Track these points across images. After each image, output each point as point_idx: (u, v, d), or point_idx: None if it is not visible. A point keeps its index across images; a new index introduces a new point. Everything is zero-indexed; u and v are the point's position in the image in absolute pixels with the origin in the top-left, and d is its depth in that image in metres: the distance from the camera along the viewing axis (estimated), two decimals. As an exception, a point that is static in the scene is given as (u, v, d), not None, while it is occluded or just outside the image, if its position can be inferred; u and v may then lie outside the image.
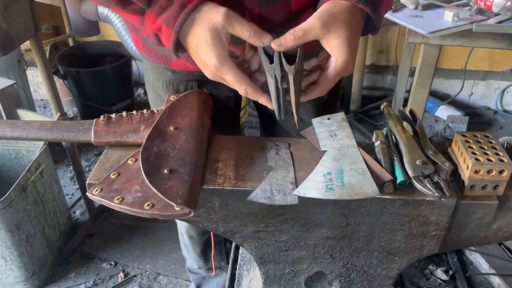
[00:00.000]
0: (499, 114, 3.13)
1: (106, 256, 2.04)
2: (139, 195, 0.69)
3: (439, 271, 1.90)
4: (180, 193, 0.66)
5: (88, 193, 0.70)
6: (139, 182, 0.70)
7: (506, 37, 1.59)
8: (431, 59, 1.80)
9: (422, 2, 1.81)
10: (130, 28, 1.00)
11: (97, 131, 0.82)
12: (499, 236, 0.79)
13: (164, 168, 0.70)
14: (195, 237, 1.46)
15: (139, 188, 0.70)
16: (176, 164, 0.71)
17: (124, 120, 0.83)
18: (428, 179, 0.71)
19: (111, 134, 0.82)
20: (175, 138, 0.77)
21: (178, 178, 0.69)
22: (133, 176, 0.72)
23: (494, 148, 0.74)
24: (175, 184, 0.68)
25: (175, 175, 0.69)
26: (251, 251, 0.83)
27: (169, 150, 0.74)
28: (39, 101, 3.24)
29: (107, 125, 0.82)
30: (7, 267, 1.77)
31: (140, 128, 0.81)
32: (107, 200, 0.68)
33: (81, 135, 0.82)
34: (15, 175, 1.89)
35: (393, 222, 0.76)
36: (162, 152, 0.74)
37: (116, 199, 0.68)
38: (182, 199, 0.65)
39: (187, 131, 0.79)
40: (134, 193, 0.69)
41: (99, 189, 0.70)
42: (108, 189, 0.70)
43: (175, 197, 0.65)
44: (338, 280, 0.87)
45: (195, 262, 1.57)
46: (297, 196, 0.72)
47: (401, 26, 1.84)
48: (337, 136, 0.82)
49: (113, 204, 0.68)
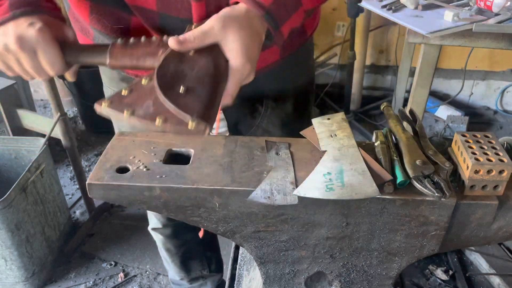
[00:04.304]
0: (499, 114, 3.13)
1: (106, 256, 2.04)
2: (151, 110, 0.64)
3: (439, 271, 1.90)
4: (196, 109, 0.62)
5: (95, 104, 0.65)
6: (152, 98, 0.66)
7: (506, 37, 1.59)
8: (431, 59, 1.80)
9: (422, 2, 1.81)
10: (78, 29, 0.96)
11: (113, 52, 0.76)
12: (499, 236, 0.79)
13: (181, 86, 0.66)
14: (173, 250, 1.44)
15: (152, 103, 0.65)
16: (194, 83, 0.67)
17: (142, 44, 0.77)
18: (428, 179, 0.71)
19: (127, 57, 0.76)
20: (194, 61, 0.72)
21: (194, 96, 0.65)
22: (146, 93, 0.67)
23: (494, 148, 0.74)
24: (190, 101, 0.63)
25: (192, 93, 0.65)
26: (251, 251, 0.83)
27: (187, 70, 0.70)
28: (39, 101, 3.24)
29: (124, 47, 0.77)
30: (7, 267, 1.77)
31: (158, 52, 0.76)
32: (117, 111, 0.64)
33: (96, 57, 0.77)
34: (15, 175, 1.89)
35: (393, 222, 0.76)
36: (180, 72, 0.69)
37: (126, 111, 0.63)
38: (197, 113, 0.61)
39: (208, 56, 0.73)
40: (146, 108, 0.64)
41: (108, 102, 0.65)
42: (118, 102, 0.65)
43: (190, 110, 0.61)
44: (338, 280, 0.87)
45: (177, 274, 1.55)
46: (297, 196, 0.72)
47: (401, 26, 1.84)
48: (337, 136, 0.82)
49: (122, 116, 0.63)
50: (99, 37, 0.90)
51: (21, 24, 0.73)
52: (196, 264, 1.54)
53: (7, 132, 2.26)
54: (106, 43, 0.78)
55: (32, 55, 0.74)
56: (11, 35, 0.72)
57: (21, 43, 0.72)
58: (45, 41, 0.73)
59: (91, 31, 0.91)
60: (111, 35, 0.86)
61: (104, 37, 0.88)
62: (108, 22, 0.84)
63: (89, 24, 0.86)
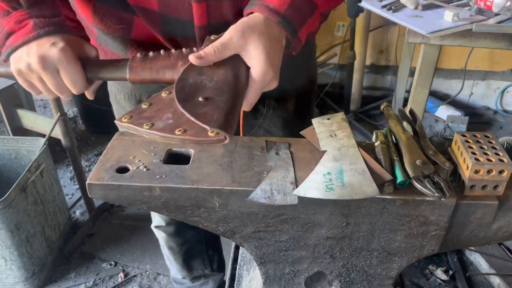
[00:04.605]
0: (499, 114, 3.13)
1: (106, 256, 2.04)
2: (170, 122, 0.64)
3: (439, 271, 1.90)
4: (215, 117, 0.62)
5: (116, 121, 0.66)
6: (172, 110, 0.66)
7: (506, 37, 1.59)
8: (431, 59, 1.80)
9: (422, 2, 1.81)
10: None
11: (132, 67, 0.77)
12: (499, 236, 0.79)
13: (199, 96, 0.66)
14: (175, 248, 1.45)
15: (171, 115, 0.65)
16: (213, 93, 0.67)
17: (161, 57, 0.78)
18: (428, 179, 0.71)
19: (147, 70, 0.77)
20: (213, 71, 0.72)
21: (214, 105, 0.64)
22: (166, 105, 0.67)
23: (494, 148, 0.74)
24: (210, 110, 0.63)
25: (211, 102, 0.65)
26: (251, 251, 0.83)
27: (205, 82, 0.70)
28: (39, 101, 3.25)
29: (143, 61, 0.77)
30: (7, 267, 1.77)
31: (178, 64, 0.76)
32: (136, 126, 0.64)
33: (116, 72, 0.78)
34: (15, 175, 1.89)
35: (393, 222, 0.76)
36: (198, 84, 0.70)
37: (145, 125, 0.64)
38: (216, 122, 0.61)
39: (227, 66, 0.73)
40: (166, 120, 0.64)
41: (128, 116, 0.66)
42: (138, 116, 0.66)
43: (209, 120, 0.61)
44: (338, 280, 0.87)
45: (179, 272, 1.56)
46: (297, 196, 0.72)
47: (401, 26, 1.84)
48: (337, 136, 0.82)
49: (142, 130, 0.64)
50: (102, 37, 0.90)
51: (44, 44, 0.74)
52: (198, 262, 1.54)
53: (7, 132, 2.26)
54: (126, 58, 0.79)
55: (55, 74, 0.75)
56: (34, 55, 0.74)
57: (43, 62, 0.74)
58: (67, 60, 0.74)
59: (94, 31, 0.92)
60: (114, 34, 0.87)
61: (107, 36, 0.88)
62: (111, 22, 0.85)
63: (92, 24, 0.87)
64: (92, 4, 0.83)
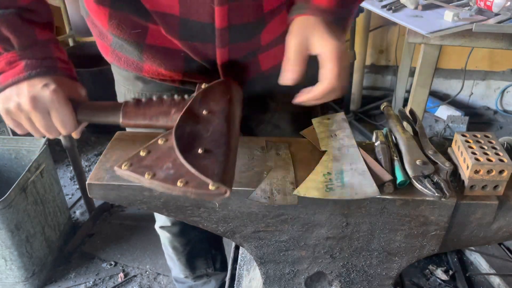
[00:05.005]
0: (499, 114, 3.13)
1: (106, 256, 2.04)
2: (171, 172, 0.65)
3: (439, 271, 1.90)
4: (216, 171, 0.63)
5: (116, 167, 0.67)
6: (171, 160, 0.67)
7: (506, 37, 1.59)
8: (431, 59, 1.80)
9: (422, 2, 1.81)
10: (96, 34, 0.98)
11: (126, 112, 0.78)
12: (499, 236, 0.79)
13: (199, 148, 0.67)
14: (179, 248, 1.44)
15: (171, 165, 0.66)
16: (211, 145, 0.68)
17: (155, 103, 0.79)
18: (428, 179, 0.71)
19: (140, 116, 0.78)
20: (208, 121, 0.74)
21: (213, 158, 0.66)
22: (165, 154, 0.68)
23: (494, 148, 0.74)
24: (210, 163, 0.65)
25: (210, 155, 0.66)
26: (251, 251, 0.83)
27: (202, 132, 0.71)
28: (39, 101, 3.24)
29: (137, 107, 0.79)
30: (7, 267, 1.77)
31: (171, 111, 0.78)
32: (138, 174, 0.65)
33: (109, 116, 0.79)
34: (15, 175, 1.89)
35: (393, 222, 0.76)
36: (196, 133, 0.71)
37: (147, 174, 0.64)
38: (217, 176, 0.62)
39: (220, 115, 0.75)
40: (166, 170, 0.65)
41: (128, 163, 0.66)
42: (138, 164, 0.66)
43: (211, 174, 0.62)
44: (338, 280, 0.87)
45: (181, 272, 1.55)
46: (297, 196, 0.72)
47: (401, 26, 1.84)
48: (337, 136, 0.82)
49: (143, 179, 0.64)
50: (117, 42, 0.92)
51: (35, 85, 0.75)
52: (201, 262, 1.54)
53: (7, 132, 2.26)
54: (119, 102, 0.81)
55: (45, 115, 0.76)
56: (25, 95, 0.74)
57: (35, 103, 0.74)
58: (58, 102, 0.75)
59: (109, 37, 0.93)
60: (129, 40, 0.88)
61: (122, 41, 0.90)
62: (126, 27, 0.86)
63: (107, 30, 0.88)
64: (108, 11, 0.84)
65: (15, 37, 0.76)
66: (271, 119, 1.13)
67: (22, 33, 0.77)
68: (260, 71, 0.99)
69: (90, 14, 0.91)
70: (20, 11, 0.78)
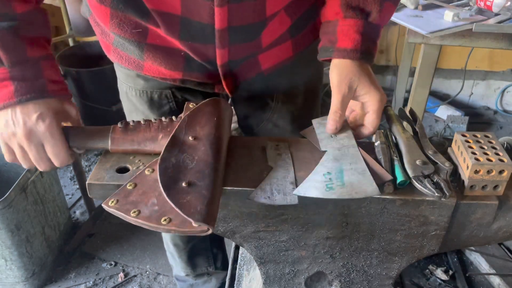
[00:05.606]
0: (499, 114, 3.13)
1: (106, 256, 2.04)
2: (155, 208, 0.67)
3: (439, 271, 1.90)
4: (199, 208, 0.64)
5: (103, 204, 0.69)
6: (156, 194, 0.69)
7: (506, 37, 1.59)
8: (431, 59, 1.80)
9: (422, 2, 1.81)
10: (99, 33, 0.98)
11: (114, 139, 0.79)
12: (499, 236, 0.79)
13: (182, 181, 0.68)
14: (181, 245, 1.45)
15: (156, 201, 0.68)
16: (195, 177, 0.69)
17: (142, 128, 0.80)
18: (428, 179, 0.71)
19: (128, 142, 0.79)
20: (194, 149, 0.75)
21: (196, 193, 0.67)
22: (150, 187, 0.70)
23: (494, 148, 0.74)
24: (193, 199, 0.66)
25: (194, 189, 0.67)
26: (251, 251, 0.83)
27: (187, 161, 0.72)
28: (39, 101, 3.24)
29: (125, 133, 0.80)
30: (7, 267, 1.77)
31: (158, 136, 0.79)
32: (123, 213, 0.67)
33: (98, 143, 0.80)
34: (15, 175, 1.89)
35: (393, 222, 0.76)
36: (180, 164, 0.72)
37: (132, 212, 0.66)
38: (200, 215, 0.63)
39: (206, 141, 0.76)
40: (151, 206, 0.67)
41: (115, 200, 0.68)
42: (124, 201, 0.68)
43: (193, 213, 0.64)
44: (338, 280, 0.87)
45: (182, 270, 1.56)
46: (297, 196, 0.72)
47: (401, 26, 1.84)
48: (337, 136, 0.82)
49: (129, 218, 0.66)
50: (119, 41, 0.92)
51: (30, 115, 0.76)
52: (203, 260, 1.54)
53: (7, 132, 2.26)
54: (107, 126, 0.81)
55: (39, 148, 0.77)
56: (21, 127, 0.75)
57: (30, 136, 0.76)
58: (53, 137, 0.76)
59: (111, 35, 0.93)
60: (130, 39, 0.89)
61: (123, 40, 0.90)
62: (127, 27, 0.86)
63: (109, 29, 0.88)
64: (109, 11, 0.84)
65: (4, 53, 0.75)
66: (271, 118, 1.13)
67: (12, 49, 0.76)
68: (260, 71, 0.99)
69: (93, 12, 0.91)
70: (13, 25, 0.77)
